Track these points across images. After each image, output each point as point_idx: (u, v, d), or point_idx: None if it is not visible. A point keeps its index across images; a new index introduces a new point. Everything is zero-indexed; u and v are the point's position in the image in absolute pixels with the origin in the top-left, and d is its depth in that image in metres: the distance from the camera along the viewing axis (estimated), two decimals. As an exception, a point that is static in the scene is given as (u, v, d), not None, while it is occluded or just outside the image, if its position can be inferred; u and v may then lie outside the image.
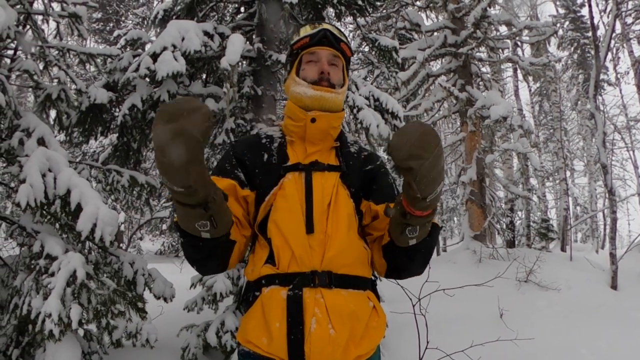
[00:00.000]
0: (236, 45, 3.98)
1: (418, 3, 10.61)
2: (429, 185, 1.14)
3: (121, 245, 13.31)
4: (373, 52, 6.02)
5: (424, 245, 1.31)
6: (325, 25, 1.49)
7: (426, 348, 3.91)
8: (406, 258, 1.36)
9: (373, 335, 1.35)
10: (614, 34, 10.39)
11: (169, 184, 1.08)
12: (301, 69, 1.48)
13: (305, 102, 1.44)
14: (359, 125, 4.80)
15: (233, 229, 1.31)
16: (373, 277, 1.46)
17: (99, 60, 4.58)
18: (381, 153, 5.83)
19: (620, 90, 18.29)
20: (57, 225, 3.65)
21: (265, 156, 1.46)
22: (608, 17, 8.99)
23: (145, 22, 16.73)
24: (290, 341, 1.24)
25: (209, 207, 1.14)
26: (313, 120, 1.42)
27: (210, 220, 1.16)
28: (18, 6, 3.88)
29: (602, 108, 16.35)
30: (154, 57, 3.89)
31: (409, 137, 1.12)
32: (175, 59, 3.86)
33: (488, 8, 9.07)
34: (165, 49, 3.89)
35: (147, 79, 4.07)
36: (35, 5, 4.20)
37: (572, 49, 20.23)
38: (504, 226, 11.10)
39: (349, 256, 1.35)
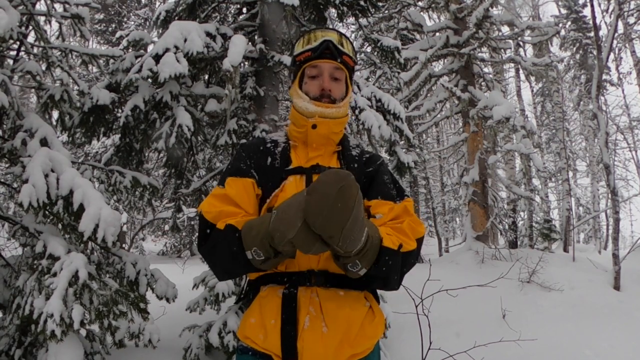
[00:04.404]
0: (238, 46, 3.98)
1: (420, 3, 10.60)
2: (351, 244, 1.15)
3: (124, 245, 13.33)
4: (375, 53, 6.02)
5: (378, 273, 1.27)
6: (328, 35, 1.49)
7: (429, 349, 3.90)
8: (366, 284, 1.37)
9: (368, 334, 1.36)
10: (616, 34, 10.37)
11: (291, 237, 1.13)
12: (304, 82, 1.51)
13: (306, 115, 1.48)
14: (360, 127, 4.79)
15: None
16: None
17: (101, 61, 4.59)
18: (383, 154, 5.82)
19: (623, 91, 18.31)
20: (60, 226, 3.65)
21: (269, 160, 1.50)
22: (610, 17, 8.99)
23: (148, 23, 16.78)
24: (283, 338, 1.28)
25: (279, 254, 1.22)
26: (314, 126, 1.46)
27: (267, 257, 1.23)
28: (21, 7, 3.89)
29: (604, 108, 16.30)
30: (157, 58, 3.90)
31: (319, 206, 1.10)
32: (178, 61, 3.86)
33: (490, 8, 9.05)
34: (167, 50, 3.89)
35: (150, 80, 4.07)
36: (38, 6, 4.20)
37: (574, 49, 20.19)
38: (507, 227, 11.09)
39: None
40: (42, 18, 4.22)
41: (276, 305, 1.32)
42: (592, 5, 8.26)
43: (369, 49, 8.44)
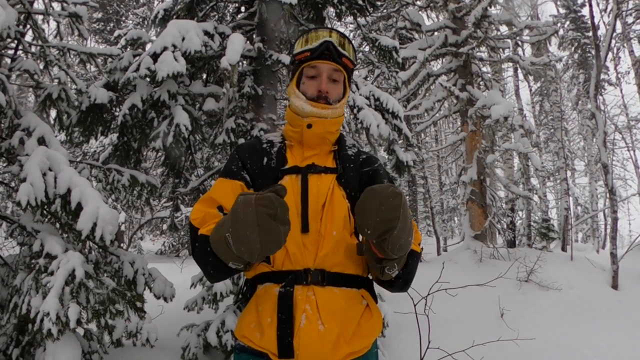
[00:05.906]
0: (236, 44, 3.98)
1: (418, 2, 10.60)
2: (401, 249, 1.20)
3: (122, 244, 13.31)
4: (373, 52, 6.02)
5: (404, 274, 1.36)
6: (329, 35, 1.49)
7: (427, 347, 3.90)
8: (387, 285, 1.42)
9: (365, 333, 1.36)
10: (614, 34, 10.39)
11: (244, 254, 1.13)
12: (302, 82, 1.51)
13: (302, 115, 1.49)
14: (359, 125, 4.79)
15: None
16: (370, 276, 1.48)
17: (99, 60, 4.57)
18: (382, 153, 5.82)
19: (621, 90, 18.34)
20: (58, 225, 3.64)
21: (265, 160, 1.51)
22: (609, 16, 9.00)
23: (146, 22, 16.75)
24: (279, 336, 1.28)
25: (250, 264, 1.25)
26: (309, 126, 1.46)
27: (245, 266, 1.25)
28: (18, 6, 3.87)
29: (602, 108, 16.33)
30: (155, 57, 3.89)
31: (370, 214, 1.14)
32: (176, 59, 3.85)
33: (489, 8, 9.06)
34: (165, 49, 3.89)
35: (148, 79, 4.06)
36: (35, 4, 4.19)
37: (573, 48, 20.24)
38: (505, 226, 11.10)
39: (342, 255, 1.37)
40: (40, 17, 4.21)
41: (272, 304, 1.31)
42: (590, 5, 8.27)
43: (367, 48, 8.44)
